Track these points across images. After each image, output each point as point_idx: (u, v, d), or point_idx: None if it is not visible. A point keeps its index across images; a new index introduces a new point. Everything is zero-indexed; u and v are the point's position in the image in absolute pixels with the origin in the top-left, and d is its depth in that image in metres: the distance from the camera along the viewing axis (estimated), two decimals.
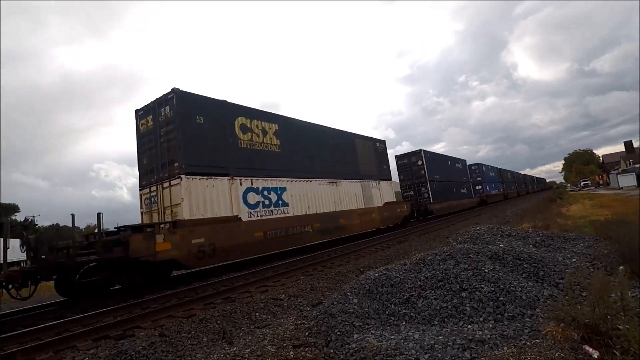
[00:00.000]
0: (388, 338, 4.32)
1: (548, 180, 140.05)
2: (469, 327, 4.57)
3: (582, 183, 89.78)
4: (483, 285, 5.32)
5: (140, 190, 12.22)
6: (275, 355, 4.44)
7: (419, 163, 29.18)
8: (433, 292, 5.43)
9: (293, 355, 4.40)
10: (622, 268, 5.62)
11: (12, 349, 5.76)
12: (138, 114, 12.48)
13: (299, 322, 5.71)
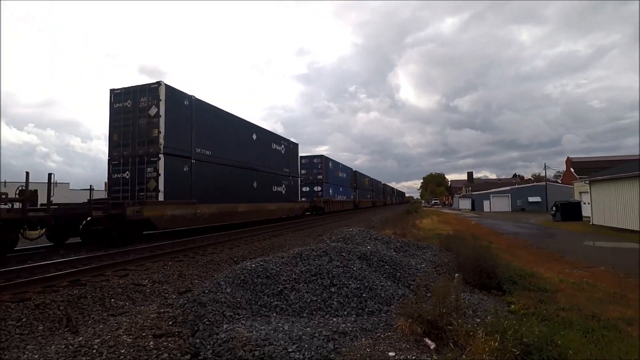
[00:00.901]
0: (258, 329, 4.33)
1: (407, 195, 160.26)
2: (334, 320, 4.90)
3: (432, 201, 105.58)
4: (351, 282, 5.77)
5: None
6: (132, 346, 4.02)
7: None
8: (306, 285, 5.67)
9: (153, 346, 4.05)
10: (457, 275, 6.76)
11: None
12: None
13: (163, 310, 5.30)
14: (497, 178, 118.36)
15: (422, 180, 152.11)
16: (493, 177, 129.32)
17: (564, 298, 6.49)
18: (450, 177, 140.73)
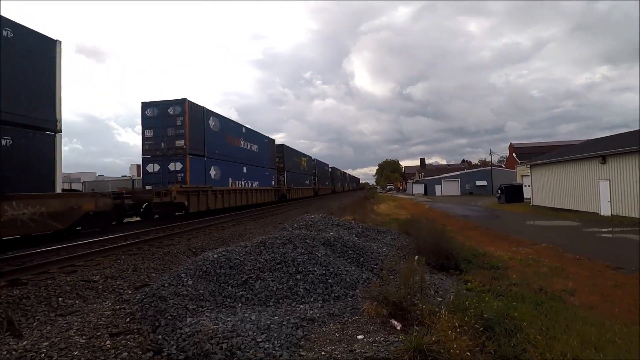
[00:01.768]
0: (224, 320, 4.20)
1: (363, 181, 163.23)
2: (302, 307, 4.88)
3: (388, 187, 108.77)
4: (316, 269, 5.77)
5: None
6: (86, 347, 3.74)
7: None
8: (271, 274, 5.58)
9: (110, 345, 3.80)
10: (417, 257, 6.99)
11: None
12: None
13: (118, 306, 5.00)
14: (447, 164, 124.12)
15: (377, 167, 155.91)
16: (443, 162, 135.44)
17: (514, 274, 6.94)
18: (404, 163, 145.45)
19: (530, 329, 3.89)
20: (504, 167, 65.20)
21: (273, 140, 31.01)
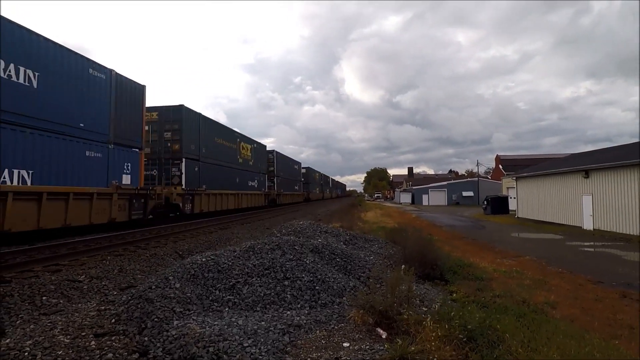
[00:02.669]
0: (211, 324, 4.20)
1: (350, 188, 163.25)
2: (289, 313, 4.90)
3: (375, 195, 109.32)
4: (304, 275, 5.80)
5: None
6: (71, 347, 3.71)
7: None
8: (259, 279, 5.59)
9: (95, 346, 3.77)
10: (403, 266, 7.07)
11: None
12: None
13: (104, 307, 4.96)
14: (434, 173, 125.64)
15: (365, 175, 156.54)
16: (431, 172, 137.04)
17: (498, 286, 7.08)
18: (392, 171, 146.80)
19: (513, 341, 3.99)
20: (490, 178, 66.19)
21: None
